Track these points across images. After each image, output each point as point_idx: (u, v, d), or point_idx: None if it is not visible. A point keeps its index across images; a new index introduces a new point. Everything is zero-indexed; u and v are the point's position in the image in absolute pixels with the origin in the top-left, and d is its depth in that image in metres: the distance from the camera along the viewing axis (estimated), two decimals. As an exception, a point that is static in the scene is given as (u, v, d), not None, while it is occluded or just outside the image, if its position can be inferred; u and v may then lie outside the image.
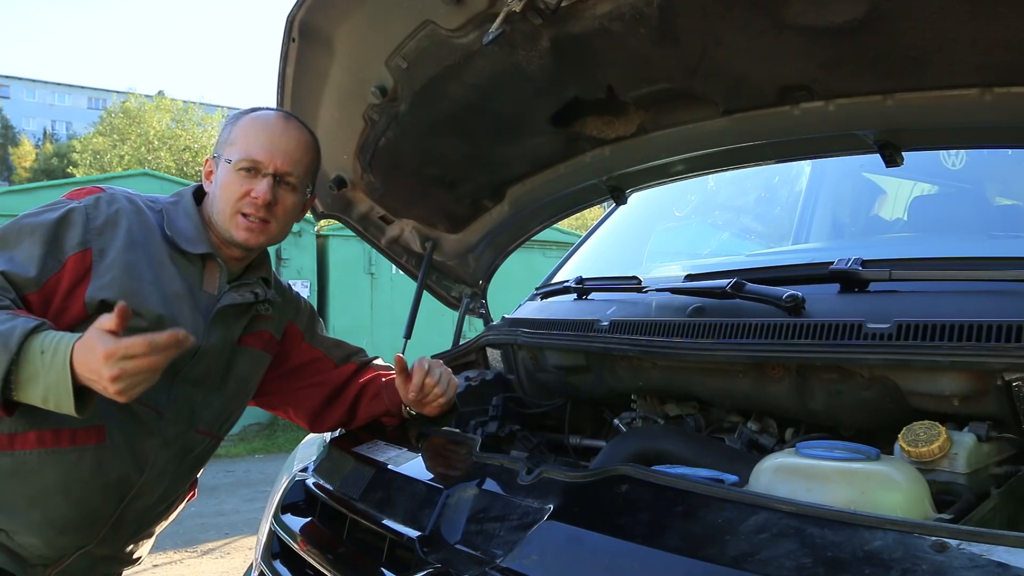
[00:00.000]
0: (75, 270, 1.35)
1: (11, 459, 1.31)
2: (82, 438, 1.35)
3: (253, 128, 1.50)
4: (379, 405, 1.74)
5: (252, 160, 1.47)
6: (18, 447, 1.31)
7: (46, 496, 1.34)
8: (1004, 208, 2.09)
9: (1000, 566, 0.72)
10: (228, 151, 1.49)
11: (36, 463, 1.32)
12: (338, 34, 1.57)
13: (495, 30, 1.33)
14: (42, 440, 1.32)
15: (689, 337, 1.45)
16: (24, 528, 1.35)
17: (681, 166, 1.87)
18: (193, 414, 1.51)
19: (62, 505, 1.36)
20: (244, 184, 1.47)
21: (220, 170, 1.50)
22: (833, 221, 2.39)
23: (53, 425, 1.31)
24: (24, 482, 1.33)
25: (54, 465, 1.33)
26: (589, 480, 1.13)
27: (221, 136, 1.54)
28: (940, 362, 1.13)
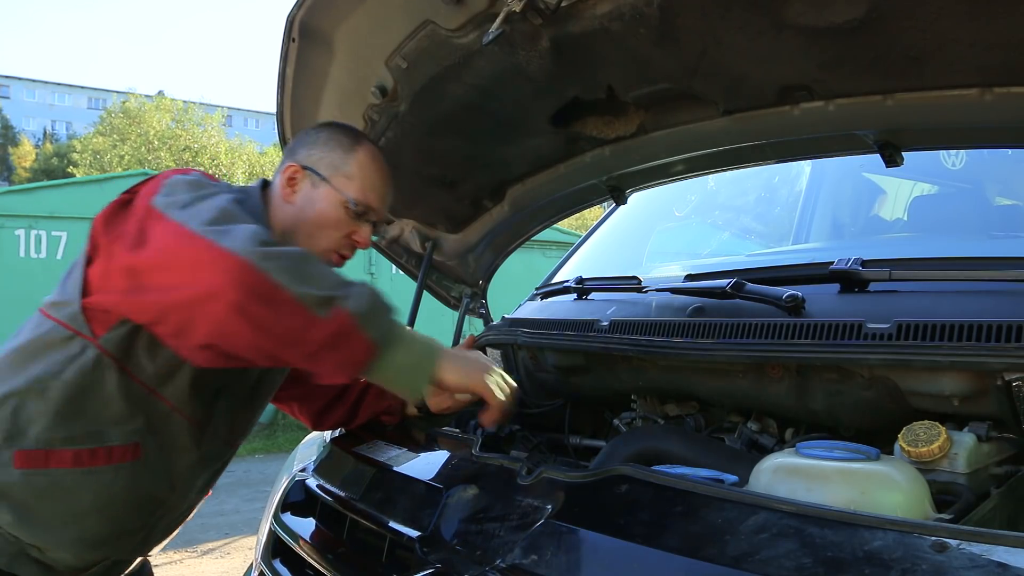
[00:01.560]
0: None
1: (47, 478, 1.28)
2: (118, 455, 1.32)
3: (372, 170, 1.49)
4: (382, 402, 1.73)
5: (368, 207, 1.47)
6: (53, 465, 1.27)
7: (81, 515, 1.32)
8: (1004, 208, 2.09)
9: (1000, 566, 0.72)
10: (342, 182, 1.45)
11: (72, 482, 1.29)
12: (338, 34, 1.57)
13: (495, 30, 1.33)
14: (79, 459, 1.29)
15: (689, 337, 1.45)
16: (56, 545, 1.32)
17: (681, 166, 1.87)
18: (230, 431, 1.50)
19: (96, 523, 1.34)
20: (350, 224, 1.46)
21: (323, 195, 1.45)
22: (833, 221, 2.39)
23: (91, 443, 1.29)
24: (59, 501, 1.30)
25: (90, 484, 1.30)
26: (589, 480, 1.13)
27: (327, 155, 1.48)
28: (940, 362, 1.13)
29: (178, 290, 1.12)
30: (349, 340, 1.15)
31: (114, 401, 1.30)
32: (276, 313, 1.10)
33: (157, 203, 1.22)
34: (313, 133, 1.53)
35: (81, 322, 1.28)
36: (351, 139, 1.51)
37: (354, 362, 1.17)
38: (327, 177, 1.46)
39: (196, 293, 1.10)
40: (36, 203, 7.40)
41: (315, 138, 1.51)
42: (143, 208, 1.23)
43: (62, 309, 1.30)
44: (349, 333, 1.14)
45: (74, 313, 1.28)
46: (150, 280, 1.16)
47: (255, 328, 1.10)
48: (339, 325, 1.13)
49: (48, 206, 7.37)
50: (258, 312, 1.09)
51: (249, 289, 1.08)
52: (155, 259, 1.16)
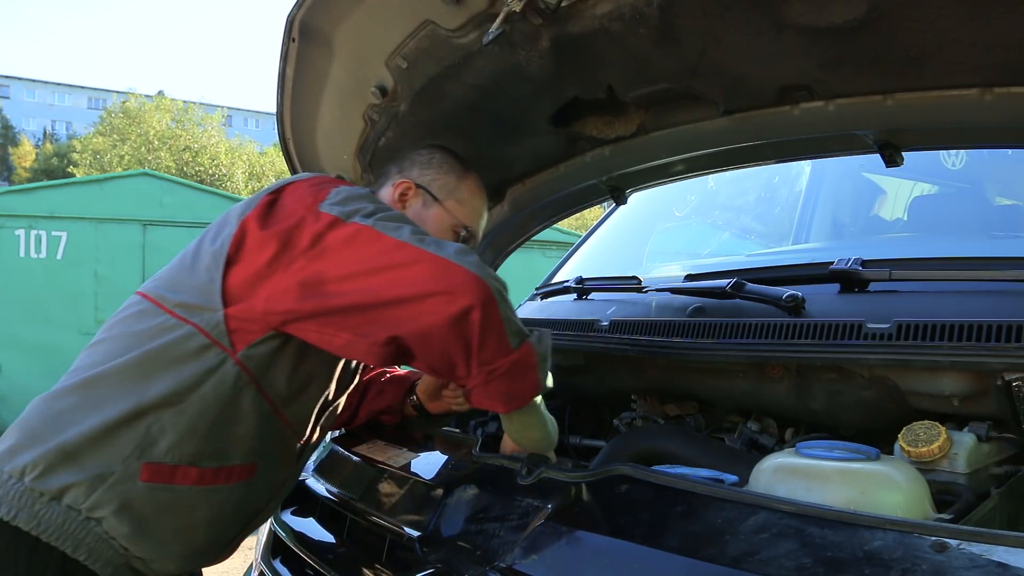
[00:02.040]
0: None
1: (170, 494, 1.24)
2: (237, 475, 1.30)
3: (479, 198, 1.59)
4: (381, 401, 1.73)
5: (471, 233, 1.56)
6: (178, 482, 1.24)
7: (192, 529, 1.29)
8: (1004, 208, 2.09)
9: (1000, 566, 0.72)
10: (454, 206, 1.53)
11: (192, 499, 1.26)
12: (338, 34, 1.57)
13: (495, 30, 1.33)
14: (203, 478, 1.26)
15: (689, 337, 1.45)
16: (163, 558, 1.29)
17: (681, 166, 1.87)
18: (320, 439, 1.52)
19: (203, 537, 1.32)
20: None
21: (433, 214, 1.52)
22: (833, 221, 2.39)
23: (216, 462, 1.27)
24: (176, 517, 1.27)
25: (207, 502, 1.28)
26: (589, 480, 1.13)
27: (442, 176, 1.55)
28: (940, 362, 1.13)
29: (393, 289, 1.18)
30: (525, 375, 1.25)
31: (245, 419, 1.27)
32: (484, 331, 1.18)
33: (334, 211, 1.24)
34: (426, 154, 1.58)
35: (222, 331, 1.24)
36: (463, 166, 1.59)
37: (518, 396, 1.28)
38: (440, 199, 1.53)
39: (422, 292, 1.17)
40: (36, 203, 7.39)
41: (428, 159, 1.57)
42: (312, 215, 1.24)
43: (199, 314, 1.25)
44: (527, 368, 1.25)
45: (215, 322, 1.24)
46: (346, 285, 1.20)
47: (459, 338, 1.18)
48: (523, 357, 1.24)
49: (48, 206, 7.36)
50: (472, 324, 1.17)
51: (479, 301, 1.17)
52: (356, 265, 1.20)
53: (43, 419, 1.23)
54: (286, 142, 1.81)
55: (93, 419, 1.20)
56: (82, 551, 1.18)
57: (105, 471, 1.19)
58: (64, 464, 1.18)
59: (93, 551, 1.19)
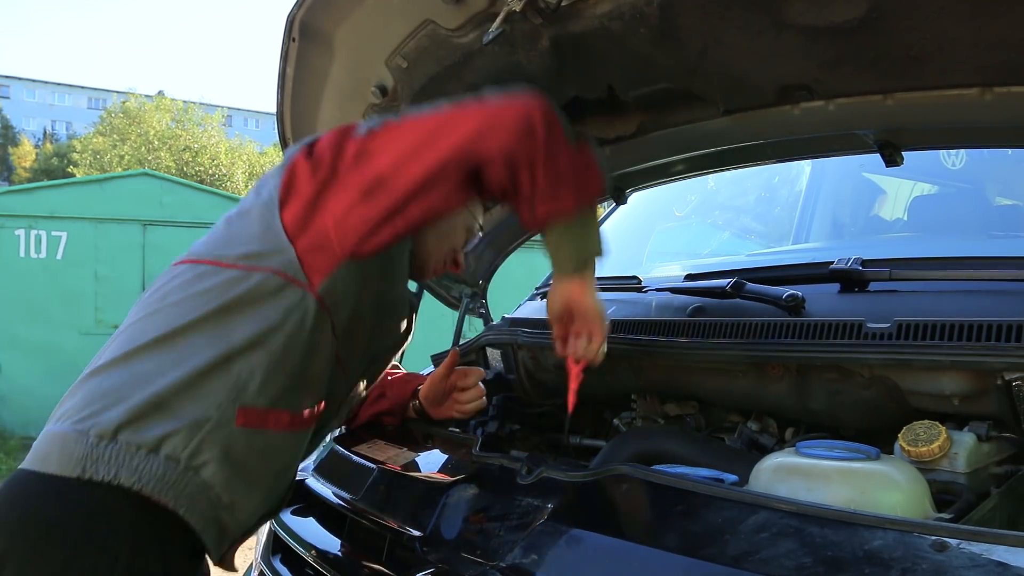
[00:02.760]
0: None
1: (263, 438, 1.23)
2: (312, 418, 1.31)
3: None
4: (383, 404, 1.73)
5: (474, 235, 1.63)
6: (271, 426, 1.23)
7: (276, 474, 1.30)
8: (1004, 208, 2.09)
9: (1000, 566, 0.72)
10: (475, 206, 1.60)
11: (281, 444, 1.27)
12: (338, 34, 1.57)
13: (495, 29, 1.33)
14: (294, 422, 1.27)
15: (689, 337, 1.45)
16: (250, 505, 1.26)
17: (681, 166, 1.87)
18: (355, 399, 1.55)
19: (277, 482, 1.32)
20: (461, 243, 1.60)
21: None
22: (833, 221, 2.39)
23: (300, 404, 1.27)
24: (268, 461, 1.27)
25: (291, 446, 1.30)
26: (589, 480, 1.13)
27: None
28: (940, 362, 1.13)
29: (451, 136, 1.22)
30: (588, 171, 1.30)
31: (320, 356, 1.28)
32: (553, 128, 1.24)
33: (367, 127, 1.28)
34: None
35: (297, 268, 1.23)
36: None
37: (587, 189, 1.32)
38: None
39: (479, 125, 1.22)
40: (36, 203, 7.39)
41: None
42: (350, 138, 1.27)
43: (268, 259, 1.23)
44: (590, 165, 1.30)
45: (289, 260, 1.23)
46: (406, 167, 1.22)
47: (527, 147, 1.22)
48: (586, 155, 1.30)
49: (48, 206, 7.35)
50: (542, 133, 1.22)
51: (537, 111, 1.23)
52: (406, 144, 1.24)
53: (121, 381, 1.18)
54: (286, 142, 1.81)
55: (182, 369, 1.17)
56: (183, 502, 1.15)
57: (201, 418, 1.16)
58: (158, 415, 1.15)
59: (193, 502, 1.16)
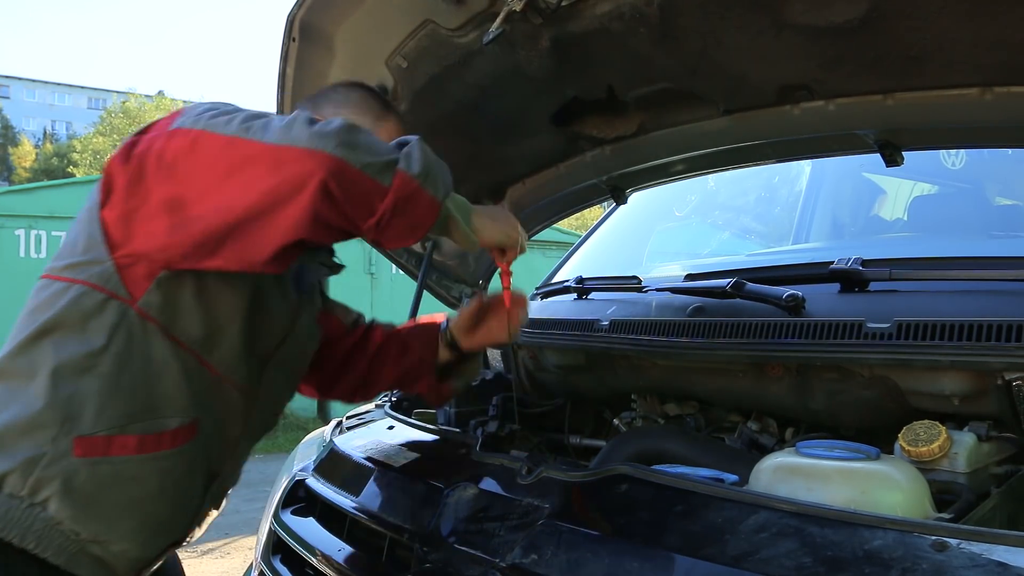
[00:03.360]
0: None
1: (110, 466, 1.17)
2: (181, 437, 1.24)
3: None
4: (410, 357, 1.61)
5: None
6: (116, 452, 1.17)
7: (143, 501, 1.23)
8: (1004, 208, 2.09)
9: (1000, 565, 0.72)
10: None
11: (136, 470, 1.19)
12: (338, 34, 1.57)
13: (495, 29, 1.33)
14: (143, 445, 1.20)
15: (689, 337, 1.45)
16: (119, 536, 1.23)
17: (681, 166, 1.87)
18: (276, 400, 1.44)
19: (157, 507, 1.26)
20: None
21: None
22: (833, 221, 2.39)
23: (153, 427, 1.20)
24: (123, 490, 1.20)
25: (154, 470, 1.22)
26: (589, 480, 1.13)
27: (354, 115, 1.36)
28: (940, 362, 1.13)
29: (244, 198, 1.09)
30: (416, 202, 1.15)
31: (167, 373, 1.20)
32: (349, 192, 1.09)
33: (183, 124, 1.14)
34: (344, 91, 1.44)
35: (116, 282, 1.16)
36: (383, 106, 1.44)
37: (419, 223, 1.18)
38: None
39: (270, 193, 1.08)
40: (36, 203, 7.40)
41: (346, 97, 1.43)
42: (163, 135, 1.14)
43: (88, 269, 1.17)
44: (413, 195, 1.14)
45: (107, 272, 1.16)
46: (202, 206, 1.11)
47: (332, 210, 1.10)
48: (401, 190, 1.13)
49: (48, 206, 7.36)
50: (334, 194, 1.08)
51: (326, 172, 1.07)
52: (204, 178, 1.11)
53: None
54: (286, 142, 1.80)
55: (13, 406, 1.14)
56: (31, 539, 1.12)
57: (35, 454, 1.12)
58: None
59: (42, 538, 1.14)
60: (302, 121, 1.11)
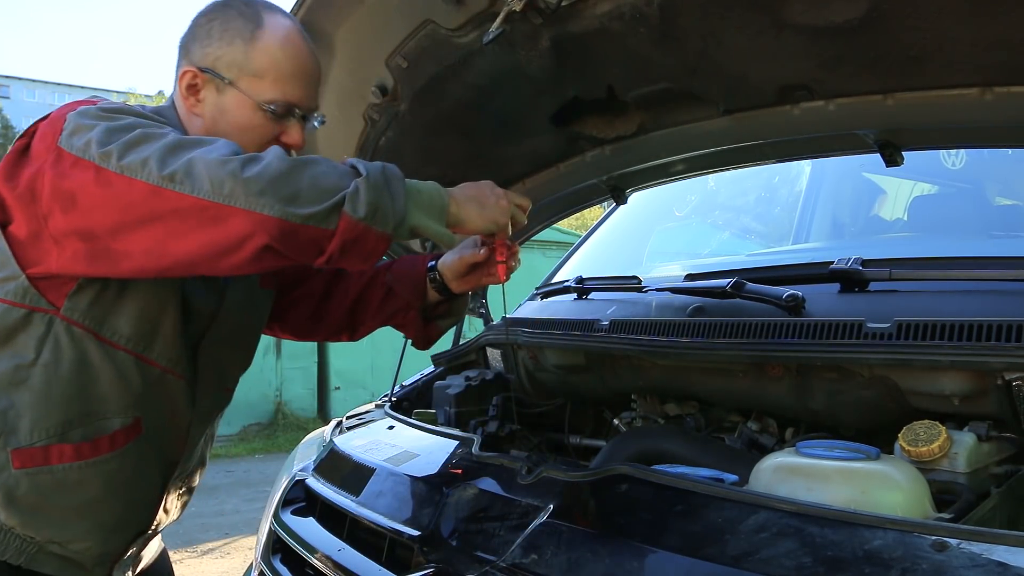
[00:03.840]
0: None
1: (51, 475, 1.18)
2: (121, 439, 1.23)
3: (286, 61, 1.25)
4: (394, 302, 1.55)
5: (289, 105, 1.26)
6: (54, 461, 1.18)
7: (94, 503, 1.23)
8: (1004, 208, 2.09)
9: (1000, 565, 0.72)
10: (251, 85, 1.24)
11: (78, 476, 1.20)
12: (338, 34, 1.57)
13: (495, 29, 1.33)
14: (80, 452, 1.19)
15: (689, 336, 1.45)
16: (75, 537, 1.25)
17: (681, 166, 1.87)
18: (221, 376, 1.41)
19: (112, 508, 1.26)
20: (274, 128, 1.27)
21: (234, 103, 1.24)
22: (833, 221, 2.39)
23: (91, 432, 1.19)
24: (68, 496, 1.21)
25: (96, 475, 1.21)
26: (589, 479, 1.13)
27: (227, 49, 1.24)
28: (940, 362, 1.13)
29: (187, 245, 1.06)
30: (364, 241, 1.10)
31: (103, 376, 1.19)
32: (295, 246, 1.07)
33: (71, 147, 1.07)
34: (205, 23, 1.26)
35: (34, 295, 1.14)
36: (249, 22, 1.25)
37: (374, 253, 1.14)
38: (232, 80, 1.24)
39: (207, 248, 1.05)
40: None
41: (208, 29, 1.25)
42: (51, 156, 1.08)
43: (4, 286, 1.15)
44: (360, 236, 1.09)
45: (22, 287, 1.14)
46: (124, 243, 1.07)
47: (278, 261, 1.08)
48: (347, 232, 1.08)
49: (48, 206, 7.35)
50: (279, 251, 1.06)
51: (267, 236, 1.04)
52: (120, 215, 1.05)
53: None
54: (286, 142, 1.80)
55: None
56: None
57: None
58: None
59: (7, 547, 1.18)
60: (233, 170, 1.04)
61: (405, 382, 2.17)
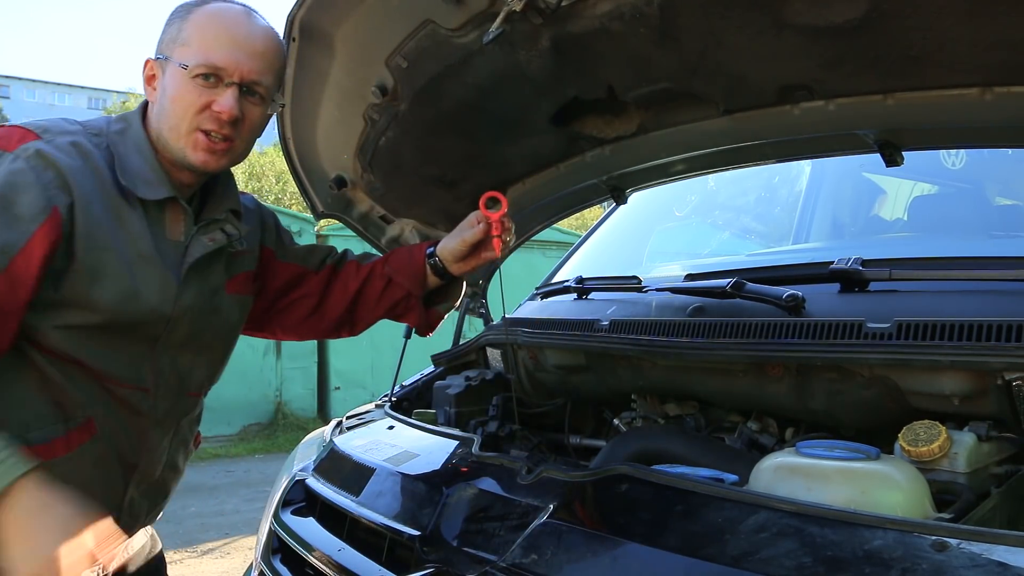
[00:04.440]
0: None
1: None
2: (76, 439, 1.26)
3: (212, 26, 1.27)
4: (394, 292, 1.59)
5: (213, 67, 1.25)
6: None
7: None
8: (1004, 208, 2.09)
9: (1000, 565, 0.72)
10: (180, 53, 1.25)
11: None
12: (338, 33, 1.57)
13: (495, 29, 1.33)
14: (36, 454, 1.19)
15: (689, 336, 1.45)
16: None
17: (681, 166, 1.87)
18: (182, 381, 1.40)
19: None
20: (203, 95, 1.26)
21: (169, 77, 1.27)
22: (833, 221, 2.39)
23: (43, 437, 1.22)
24: None
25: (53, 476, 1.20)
26: (589, 479, 1.13)
27: (167, 32, 1.30)
28: (940, 362, 1.13)
29: None
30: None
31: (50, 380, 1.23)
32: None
33: None
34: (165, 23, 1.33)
35: None
36: (192, 5, 1.30)
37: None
38: (167, 55, 1.27)
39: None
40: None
41: (167, 24, 1.32)
42: None
43: None
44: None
45: None
46: None
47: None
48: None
49: (48, 206, 7.34)
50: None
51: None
52: None
53: None
54: (286, 142, 1.81)
55: None
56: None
57: None
58: None
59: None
60: None
61: (405, 382, 2.17)
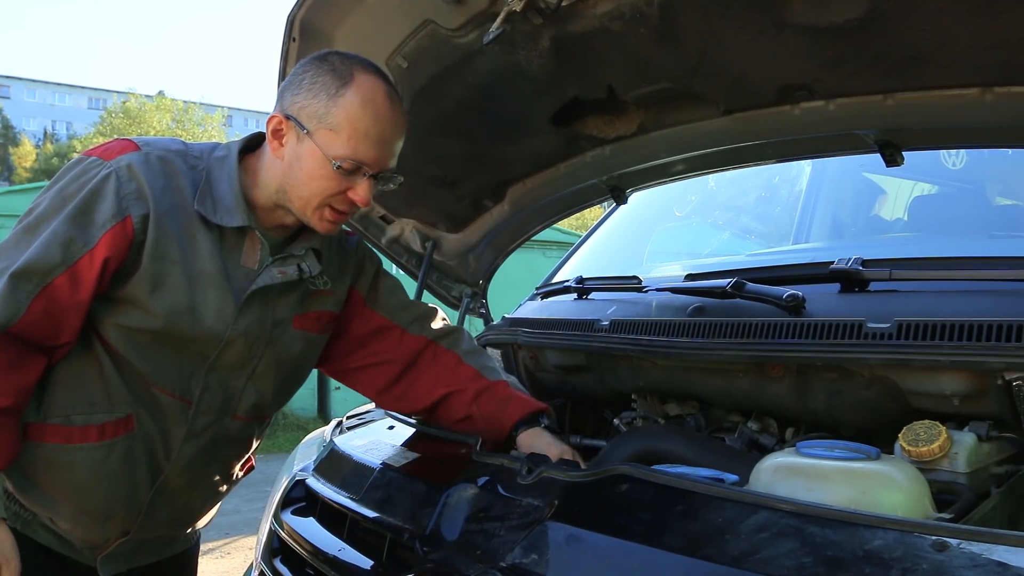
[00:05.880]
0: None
1: (41, 451, 1.30)
2: (111, 431, 1.32)
3: (364, 120, 1.26)
4: (467, 425, 1.55)
5: (360, 163, 1.28)
6: (48, 439, 1.30)
7: (77, 488, 1.33)
8: (1004, 208, 2.09)
9: (1000, 565, 0.72)
10: (326, 138, 1.26)
11: (65, 458, 1.30)
12: (338, 33, 1.57)
13: (495, 29, 1.33)
14: (69, 436, 1.30)
15: (689, 337, 1.45)
16: (62, 517, 1.35)
17: (681, 166, 1.87)
18: (229, 402, 1.42)
19: (95, 496, 1.34)
20: (342, 183, 1.29)
21: (308, 153, 1.27)
22: (833, 221, 2.39)
23: (83, 421, 1.30)
24: (56, 474, 1.32)
25: (82, 460, 1.31)
26: (589, 480, 1.13)
27: (310, 97, 1.27)
28: (941, 362, 1.13)
29: None
30: None
31: (104, 371, 1.31)
32: None
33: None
34: (300, 71, 1.31)
35: None
36: (339, 78, 1.27)
37: None
38: (311, 131, 1.27)
39: None
40: (36, 203, 7.38)
41: (301, 78, 1.30)
42: None
43: None
44: None
45: None
46: None
47: None
48: None
49: (48, 206, 7.35)
50: None
51: None
52: None
53: None
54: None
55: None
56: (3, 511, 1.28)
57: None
58: None
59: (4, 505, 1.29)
60: None
61: (405, 382, 2.16)
